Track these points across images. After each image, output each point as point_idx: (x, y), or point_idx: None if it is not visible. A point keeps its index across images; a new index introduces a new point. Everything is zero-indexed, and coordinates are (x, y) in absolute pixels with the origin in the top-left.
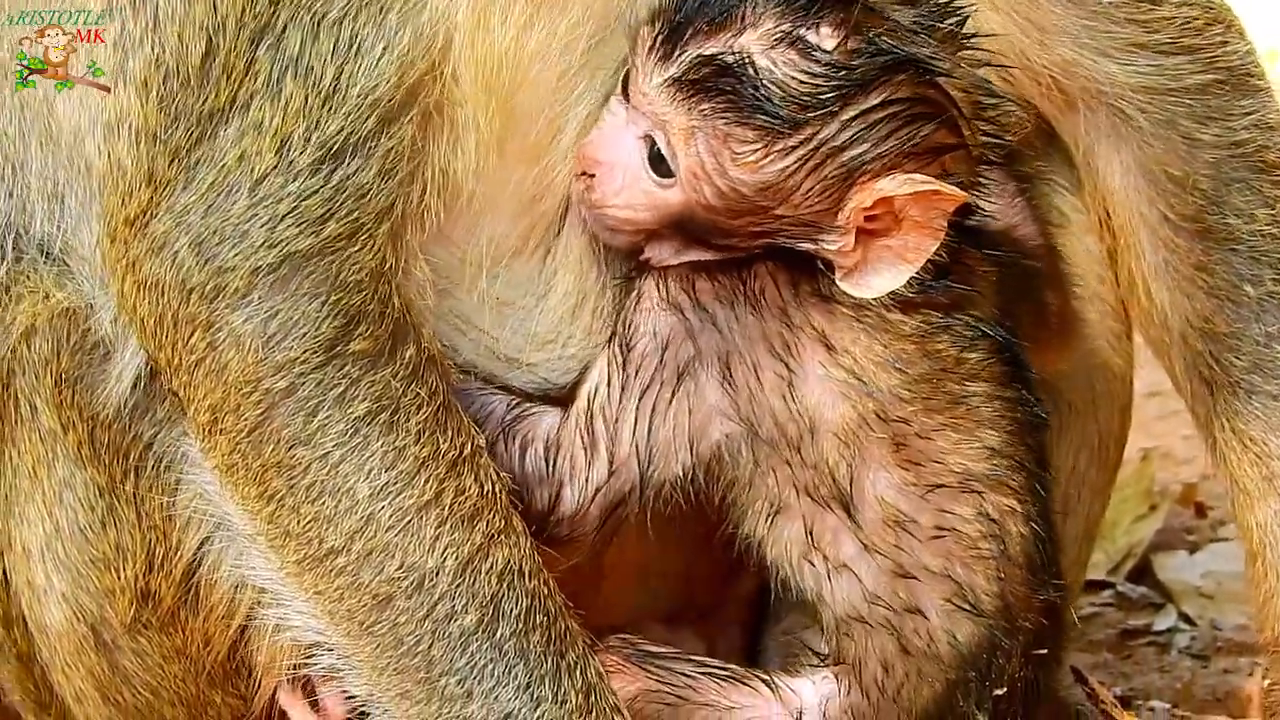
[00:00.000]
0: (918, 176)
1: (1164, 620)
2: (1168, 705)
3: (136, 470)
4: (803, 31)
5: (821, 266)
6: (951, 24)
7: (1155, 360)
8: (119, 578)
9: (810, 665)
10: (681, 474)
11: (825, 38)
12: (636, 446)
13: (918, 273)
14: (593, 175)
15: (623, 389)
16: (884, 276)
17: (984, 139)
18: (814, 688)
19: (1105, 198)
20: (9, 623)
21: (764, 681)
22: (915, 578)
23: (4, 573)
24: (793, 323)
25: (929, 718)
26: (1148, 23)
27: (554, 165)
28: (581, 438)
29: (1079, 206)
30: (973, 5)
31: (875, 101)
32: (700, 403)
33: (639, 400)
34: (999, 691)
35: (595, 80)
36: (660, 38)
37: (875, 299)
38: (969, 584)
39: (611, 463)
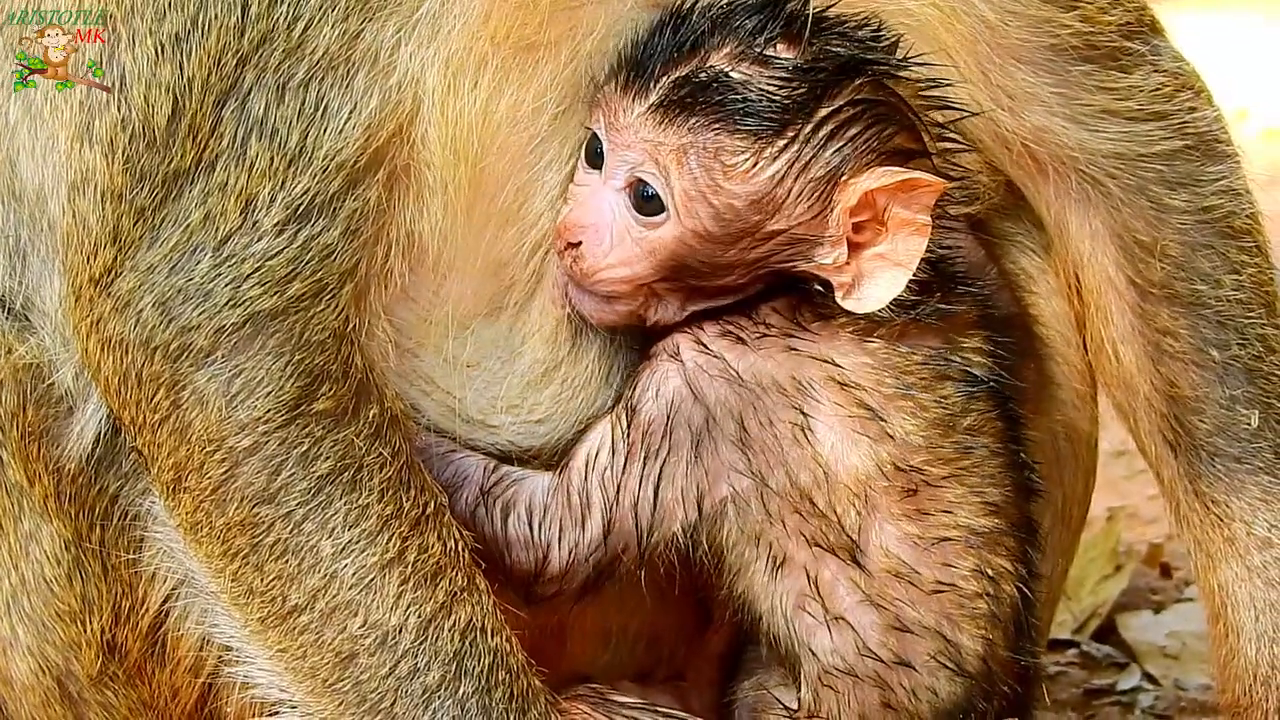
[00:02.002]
0: (894, 168)
1: (1128, 680)
2: None
3: (103, 524)
4: (761, 49)
5: (821, 290)
6: (887, 43)
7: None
8: (85, 630)
9: (783, 718)
10: (681, 532)
11: (783, 50)
12: (637, 510)
13: (904, 292)
14: (578, 244)
15: (627, 454)
16: (881, 285)
17: (941, 145)
18: None
19: (1075, 262)
20: None
21: None
22: (910, 631)
23: None
24: (801, 355)
25: None
26: (1118, 90)
27: (523, 230)
28: (574, 502)
29: (1046, 269)
30: (944, 77)
31: (842, 102)
32: (713, 463)
33: (643, 466)
34: None
35: (565, 148)
36: (630, 76)
37: (876, 323)
38: (956, 642)
39: (607, 527)
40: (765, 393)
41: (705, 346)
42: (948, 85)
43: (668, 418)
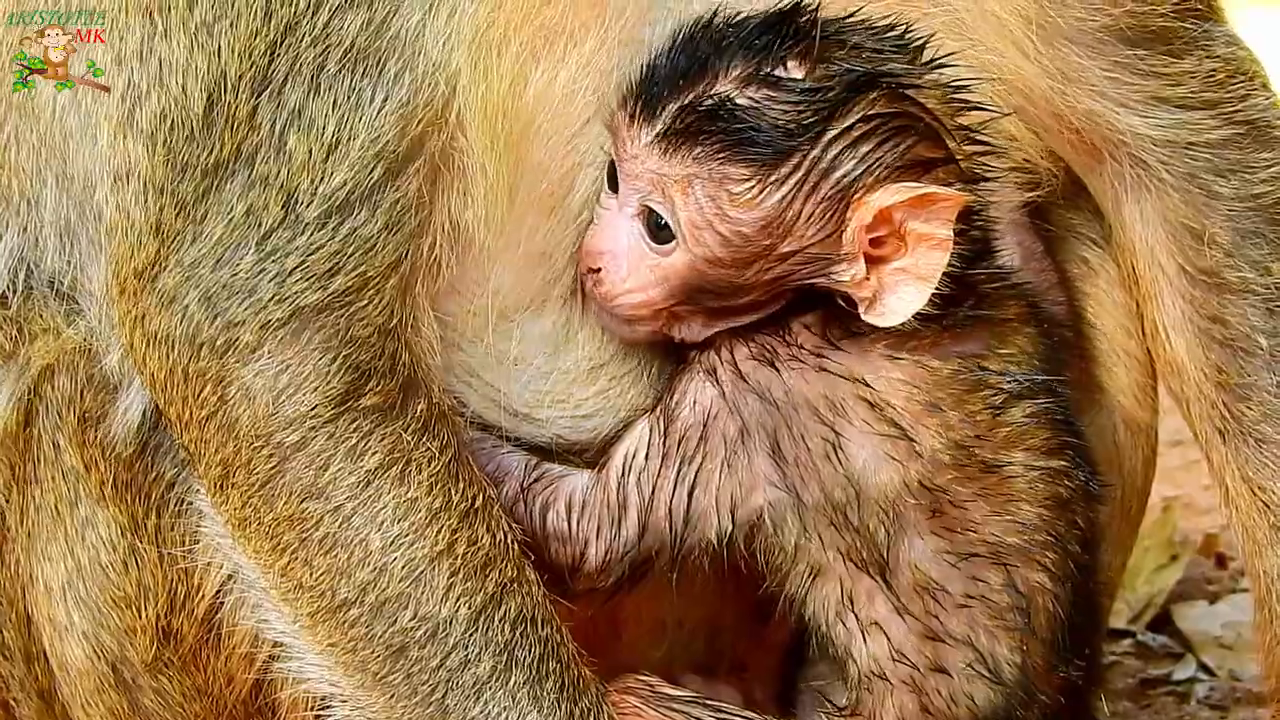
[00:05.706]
0: (908, 184)
1: (1183, 670)
2: None
3: (158, 509)
4: (770, 69)
5: (845, 305)
6: (912, 47)
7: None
8: (140, 616)
9: (830, 716)
10: (715, 539)
11: (793, 70)
12: (671, 513)
13: (935, 299)
14: (599, 270)
15: (663, 458)
16: (904, 299)
17: (972, 151)
18: None
19: (1130, 249)
20: (30, 659)
21: None
22: (942, 641)
23: (26, 609)
24: (833, 375)
25: None
26: (1169, 75)
27: (566, 222)
28: (611, 500)
29: (1106, 259)
30: (1004, 54)
31: (854, 119)
32: (747, 474)
33: (678, 470)
34: None
35: (607, 143)
36: (639, 104)
37: (908, 335)
38: (991, 652)
39: (643, 526)
40: (797, 411)
41: (737, 368)
42: (976, 82)
43: (703, 425)
